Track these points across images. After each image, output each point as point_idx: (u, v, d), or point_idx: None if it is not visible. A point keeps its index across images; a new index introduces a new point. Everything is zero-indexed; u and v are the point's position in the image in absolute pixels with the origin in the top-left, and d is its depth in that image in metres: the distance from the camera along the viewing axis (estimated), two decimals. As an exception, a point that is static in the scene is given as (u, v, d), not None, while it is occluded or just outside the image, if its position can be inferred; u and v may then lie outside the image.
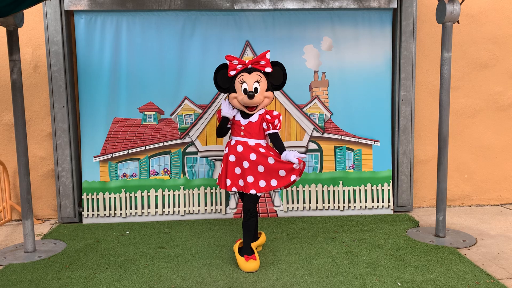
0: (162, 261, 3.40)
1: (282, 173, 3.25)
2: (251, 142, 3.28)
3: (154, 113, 4.39)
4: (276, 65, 3.33)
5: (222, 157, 4.43)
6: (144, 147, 4.41)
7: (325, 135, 4.48)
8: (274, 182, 3.25)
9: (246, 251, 3.28)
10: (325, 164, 4.50)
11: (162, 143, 4.42)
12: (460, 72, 4.63)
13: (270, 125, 3.27)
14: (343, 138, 4.49)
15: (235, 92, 3.27)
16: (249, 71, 3.26)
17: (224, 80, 3.38)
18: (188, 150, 4.44)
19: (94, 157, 4.38)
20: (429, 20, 4.52)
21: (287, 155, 3.21)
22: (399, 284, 2.96)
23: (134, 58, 4.31)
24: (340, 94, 4.45)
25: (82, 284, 3.03)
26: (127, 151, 4.39)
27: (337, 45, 4.40)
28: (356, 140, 4.49)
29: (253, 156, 3.24)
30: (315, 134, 4.47)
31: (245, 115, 3.32)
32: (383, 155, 4.52)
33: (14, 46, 3.46)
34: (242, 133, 3.30)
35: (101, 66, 4.29)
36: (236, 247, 3.42)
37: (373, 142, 4.50)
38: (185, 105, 4.39)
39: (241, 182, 3.29)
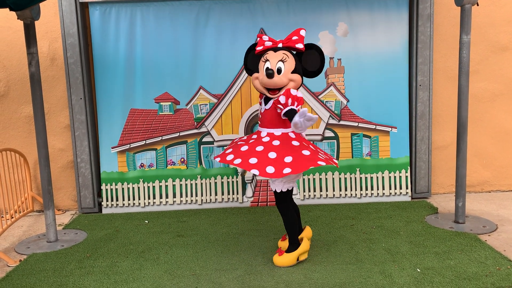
0: (182, 249, 3.44)
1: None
2: (263, 132, 2.98)
3: (169, 103, 4.41)
4: (312, 48, 2.97)
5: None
6: (160, 137, 4.44)
7: (342, 122, 4.45)
8: (270, 169, 2.76)
9: (291, 247, 3.09)
10: (341, 151, 4.48)
11: (178, 133, 4.44)
12: (479, 56, 4.54)
13: (281, 106, 2.82)
14: (360, 125, 4.45)
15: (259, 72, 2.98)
16: (276, 50, 2.95)
17: (253, 61, 3.09)
18: (204, 139, 4.46)
19: (112, 148, 4.42)
20: (446, 3, 4.43)
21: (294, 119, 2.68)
22: (418, 270, 2.95)
23: (149, 48, 4.32)
24: (356, 81, 4.40)
25: (104, 273, 3.09)
26: (144, 141, 4.43)
27: (352, 31, 4.34)
28: (373, 127, 4.45)
29: (259, 148, 2.89)
30: (331, 121, 4.44)
31: (264, 103, 3.03)
32: (401, 141, 4.47)
33: (31, 39, 3.49)
34: (259, 122, 3.09)
35: (116, 57, 4.31)
36: (281, 244, 3.27)
37: (390, 128, 4.46)
38: (201, 95, 4.40)
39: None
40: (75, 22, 4.20)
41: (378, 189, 4.49)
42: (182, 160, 4.48)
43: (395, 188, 4.49)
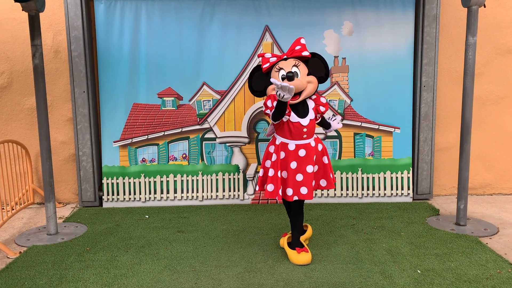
0: (182, 245, 3.44)
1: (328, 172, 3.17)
2: (313, 142, 3.03)
3: (173, 98, 4.40)
4: (314, 56, 3.05)
5: (240, 143, 4.43)
6: (163, 133, 4.43)
7: (345, 121, 4.43)
8: (323, 182, 3.17)
9: (297, 244, 3.14)
10: (344, 151, 4.47)
11: (180, 129, 4.44)
12: (485, 58, 4.51)
13: (321, 112, 3.08)
14: (363, 125, 4.44)
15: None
16: (285, 60, 2.99)
17: (259, 82, 3.06)
18: (206, 136, 4.45)
19: (114, 142, 4.42)
20: (453, 4, 4.41)
21: (333, 125, 3.22)
22: (419, 272, 2.94)
23: (153, 43, 4.31)
24: (360, 80, 4.38)
25: (103, 266, 3.09)
26: (146, 136, 4.42)
27: (358, 30, 4.32)
28: (376, 127, 4.44)
29: (317, 157, 3.08)
30: (334, 120, 4.43)
31: (300, 114, 2.97)
32: (404, 142, 4.45)
33: (35, 31, 3.48)
34: (305, 136, 2.98)
35: (120, 51, 4.30)
36: (283, 242, 3.27)
37: (393, 129, 4.44)
38: (204, 91, 4.39)
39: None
40: (79, 15, 4.19)
41: (379, 190, 4.47)
42: (184, 156, 4.47)
43: (397, 189, 4.47)
